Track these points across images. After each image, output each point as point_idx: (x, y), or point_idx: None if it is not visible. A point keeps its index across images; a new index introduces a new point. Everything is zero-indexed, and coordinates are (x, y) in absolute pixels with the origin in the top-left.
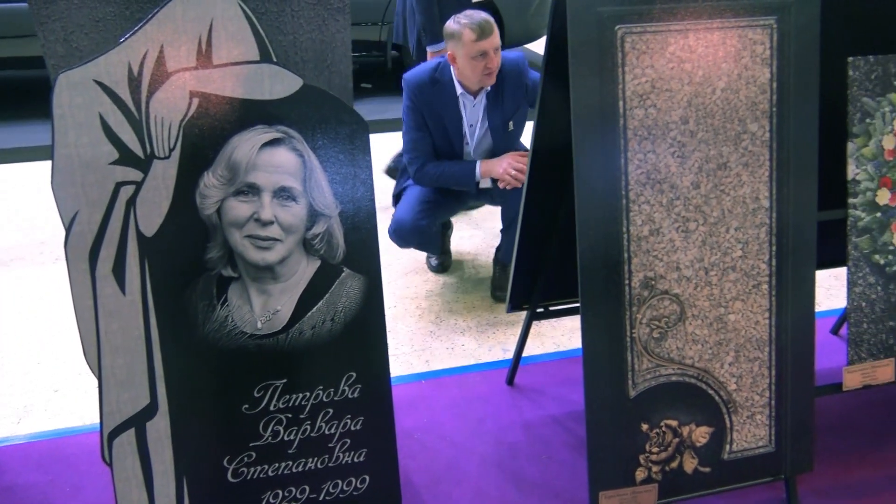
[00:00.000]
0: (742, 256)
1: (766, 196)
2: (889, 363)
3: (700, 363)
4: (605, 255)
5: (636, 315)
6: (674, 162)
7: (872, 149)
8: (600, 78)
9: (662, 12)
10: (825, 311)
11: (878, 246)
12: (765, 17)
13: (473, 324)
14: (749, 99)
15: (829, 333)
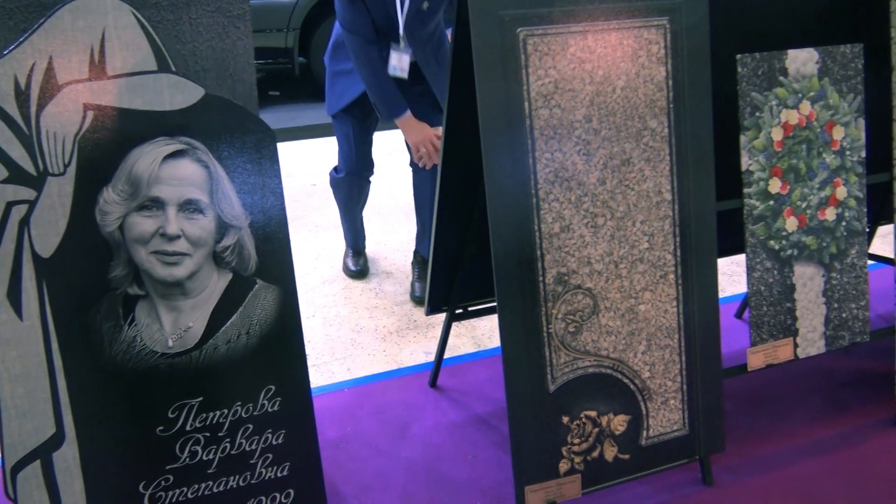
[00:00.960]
0: (649, 248)
1: (669, 189)
2: (788, 342)
3: (615, 354)
4: (518, 253)
5: (551, 311)
6: (580, 160)
7: (763, 141)
8: (505, 80)
9: (562, 14)
10: (729, 297)
11: (772, 232)
12: (658, 18)
13: (394, 329)
14: (647, 97)
15: (733, 318)
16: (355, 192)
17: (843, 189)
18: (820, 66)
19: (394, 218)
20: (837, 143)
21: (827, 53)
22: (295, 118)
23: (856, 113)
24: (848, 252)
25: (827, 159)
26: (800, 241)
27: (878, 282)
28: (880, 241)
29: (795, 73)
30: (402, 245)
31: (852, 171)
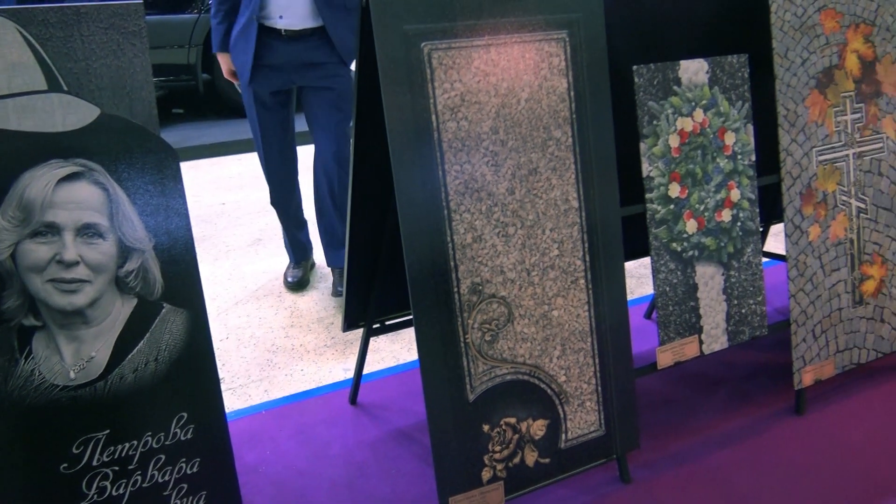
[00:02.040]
0: (559, 255)
1: (575, 197)
2: (693, 339)
3: (531, 360)
4: (432, 265)
5: (467, 320)
6: (489, 171)
7: (661, 147)
8: (411, 94)
9: (465, 29)
10: (638, 298)
11: (674, 235)
12: (557, 32)
13: (311, 347)
14: (551, 107)
15: (643, 318)
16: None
17: (737, 191)
18: (710, 76)
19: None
20: (729, 148)
21: (716, 63)
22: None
23: (745, 119)
24: (744, 251)
25: (721, 164)
26: (700, 242)
27: (772, 278)
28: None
29: (688, 82)
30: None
31: (744, 175)
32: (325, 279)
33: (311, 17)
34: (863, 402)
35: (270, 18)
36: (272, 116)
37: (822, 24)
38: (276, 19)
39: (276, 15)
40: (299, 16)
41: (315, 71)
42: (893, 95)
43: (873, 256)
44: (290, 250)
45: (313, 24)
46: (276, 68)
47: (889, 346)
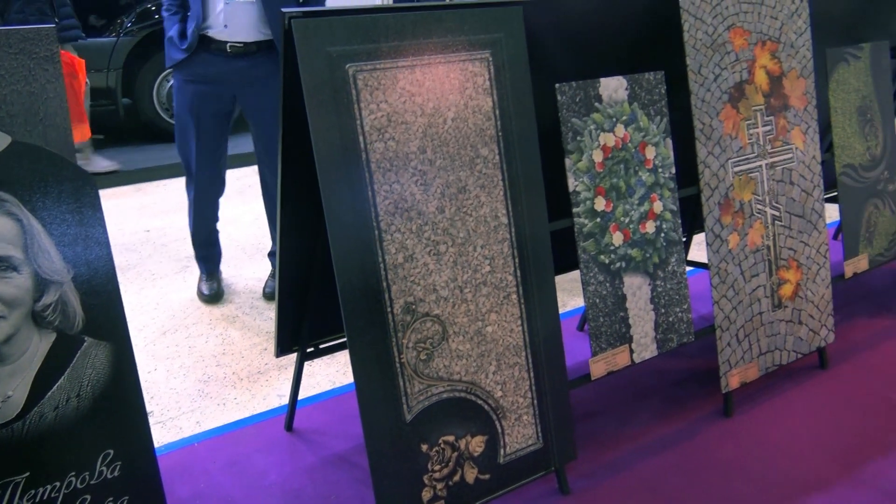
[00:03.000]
0: (491, 271)
1: (504, 213)
2: (624, 349)
3: (467, 377)
4: (364, 286)
5: (402, 340)
6: (418, 190)
7: (586, 163)
8: (337, 115)
9: (389, 50)
10: (570, 311)
11: (601, 247)
12: (480, 52)
13: (244, 374)
14: (477, 126)
15: (576, 330)
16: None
17: (660, 203)
18: (629, 93)
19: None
20: (650, 162)
21: (634, 81)
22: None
23: (664, 133)
24: (669, 261)
25: (643, 177)
26: (626, 253)
27: (697, 286)
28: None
29: (608, 99)
30: (246, 288)
31: (665, 187)
32: (251, 302)
33: (256, 28)
34: (786, 402)
35: (214, 28)
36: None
37: (732, 41)
38: (221, 28)
39: (220, 24)
40: (244, 26)
41: (260, 87)
42: (800, 108)
43: (789, 261)
44: (202, 263)
45: (259, 38)
46: (219, 83)
47: (807, 346)
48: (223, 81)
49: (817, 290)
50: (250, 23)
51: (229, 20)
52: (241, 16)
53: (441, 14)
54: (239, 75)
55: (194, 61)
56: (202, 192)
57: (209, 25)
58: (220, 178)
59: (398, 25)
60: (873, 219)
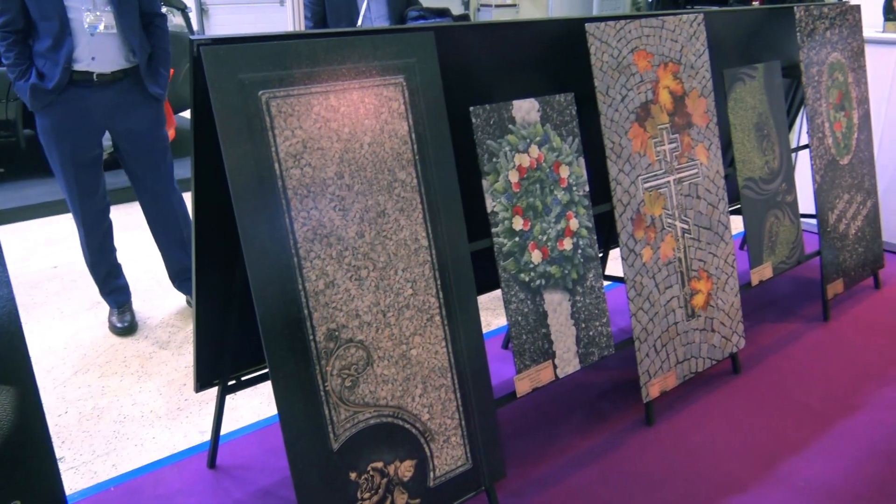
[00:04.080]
0: (413, 294)
1: (424, 236)
2: (548, 365)
3: (393, 401)
4: (285, 314)
5: (326, 368)
6: (336, 215)
7: (502, 183)
8: (251, 143)
9: (302, 76)
10: (495, 330)
11: (521, 266)
12: (394, 77)
13: (162, 412)
14: (394, 150)
15: (501, 349)
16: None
17: (576, 221)
18: (541, 114)
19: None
20: (565, 181)
21: (545, 102)
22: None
23: (576, 153)
24: (587, 276)
25: (558, 195)
26: (546, 271)
27: (615, 299)
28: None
29: (521, 120)
30: (162, 322)
31: (580, 205)
32: (168, 337)
33: (122, 57)
34: (704, 408)
35: (82, 61)
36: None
37: (636, 63)
38: (89, 61)
39: (87, 57)
40: (111, 57)
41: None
42: (702, 126)
43: (699, 272)
44: (110, 297)
45: (125, 66)
46: (88, 116)
47: (720, 353)
48: (92, 113)
49: (727, 299)
50: (116, 52)
51: (96, 52)
52: (107, 46)
53: (354, 40)
54: (107, 104)
55: (62, 98)
56: (91, 229)
57: (76, 59)
58: (106, 209)
59: (311, 52)
60: (774, 228)
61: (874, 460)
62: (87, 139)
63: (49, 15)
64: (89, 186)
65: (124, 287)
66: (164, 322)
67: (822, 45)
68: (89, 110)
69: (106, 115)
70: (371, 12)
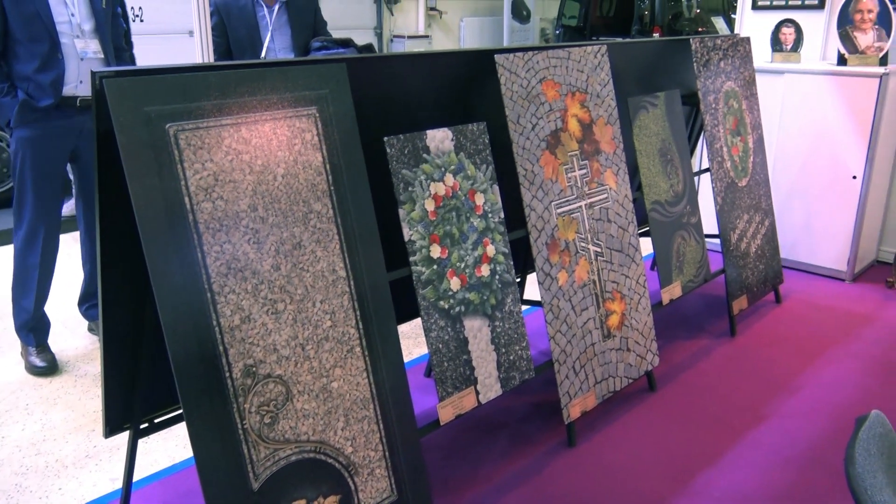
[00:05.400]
0: (332, 326)
1: (342, 267)
2: (470, 391)
3: (315, 436)
4: (199, 352)
5: (244, 405)
6: (251, 248)
7: (419, 212)
8: (160, 177)
9: (212, 108)
10: (417, 358)
11: (440, 293)
12: (307, 108)
13: (69, 461)
14: (309, 181)
15: (424, 377)
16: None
17: (492, 247)
18: (455, 143)
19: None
20: (480, 208)
21: (459, 132)
22: None
23: (490, 180)
24: (505, 301)
25: (474, 223)
26: (465, 297)
27: (534, 323)
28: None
29: (436, 149)
30: (67, 365)
31: (496, 231)
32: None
33: None
34: (623, 426)
35: (70, 83)
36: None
37: (545, 93)
38: (77, 84)
39: (76, 80)
40: None
41: None
42: (610, 152)
43: (613, 293)
44: (33, 334)
45: None
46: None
47: (636, 371)
48: (70, 134)
49: (640, 318)
50: None
51: (84, 76)
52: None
53: (264, 72)
54: (82, 127)
55: (46, 117)
56: (48, 255)
57: (65, 82)
58: (58, 230)
59: (221, 84)
60: (682, 249)
61: (783, 467)
62: (59, 158)
63: (39, 37)
64: (53, 210)
65: (47, 324)
66: (71, 366)
67: (717, 74)
68: (68, 131)
69: (80, 138)
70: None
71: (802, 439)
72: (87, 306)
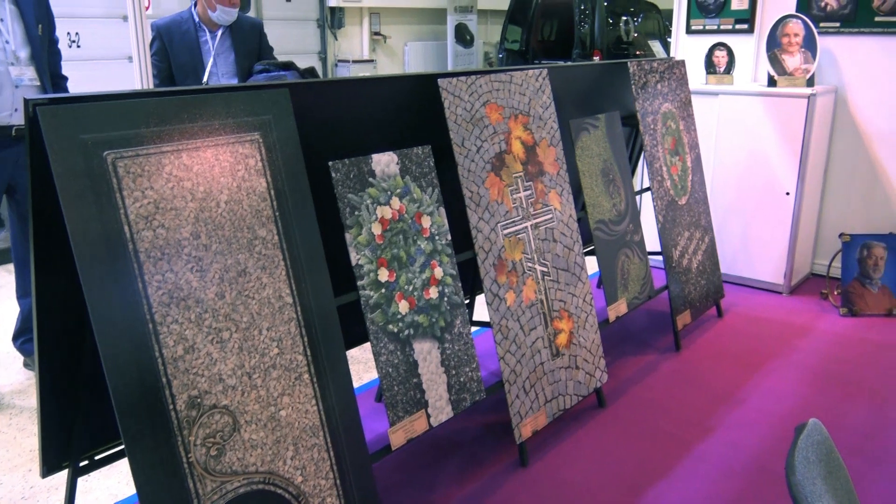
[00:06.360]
0: (279, 353)
1: (288, 293)
2: (421, 414)
3: (264, 467)
4: (141, 384)
5: (189, 438)
6: (194, 277)
7: (366, 236)
8: (97, 206)
9: (151, 135)
10: (367, 383)
11: (389, 317)
12: (250, 134)
13: (5, 503)
14: (253, 207)
15: (374, 403)
16: None
17: (440, 269)
18: (400, 166)
19: None
20: (427, 231)
21: (404, 155)
22: None
23: (437, 203)
24: (454, 323)
25: (422, 245)
26: (414, 320)
27: (483, 344)
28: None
29: (381, 173)
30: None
31: (443, 253)
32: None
33: None
34: (574, 443)
35: (3, 112)
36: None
37: (488, 116)
38: (11, 112)
39: (10, 108)
40: None
41: None
42: (553, 173)
43: (561, 312)
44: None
45: None
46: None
47: (586, 388)
48: (3, 165)
49: (588, 336)
50: None
51: (19, 104)
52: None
53: (205, 98)
54: (17, 157)
55: None
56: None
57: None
58: None
59: (160, 110)
60: (626, 266)
61: (730, 478)
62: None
63: None
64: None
65: None
66: (5, 400)
67: (655, 96)
68: (3, 162)
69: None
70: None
71: (747, 450)
72: (22, 340)
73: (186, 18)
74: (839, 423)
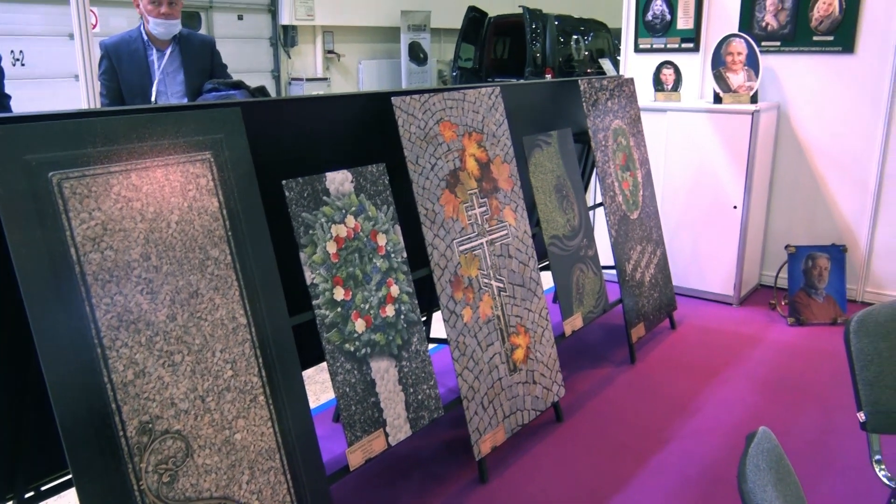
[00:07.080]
0: (233, 375)
1: (242, 314)
2: (379, 433)
3: (218, 492)
4: (88, 411)
5: (140, 465)
6: (144, 299)
7: (320, 255)
8: (42, 228)
9: (98, 155)
10: (325, 404)
11: (346, 336)
12: (201, 153)
13: None
14: (205, 227)
15: (333, 423)
16: None
17: (396, 287)
18: (355, 185)
19: None
20: (383, 249)
21: (358, 173)
22: None
23: (392, 221)
24: (411, 341)
25: (377, 263)
26: (370, 339)
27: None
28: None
29: (336, 192)
30: None
31: (399, 271)
32: None
33: None
34: (533, 458)
35: None
36: None
37: (442, 133)
38: None
39: None
40: None
41: None
42: (508, 189)
43: (517, 327)
44: None
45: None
46: None
47: (543, 403)
48: None
49: (545, 351)
50: None
51: None
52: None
53: (154, 117)
54: None
55: None
56: None
57: None
58: None
59: (108, 130)
60: (581, 281)
61: (686, 488)
62: None
63: None
64: None
65: None
66: None
67: (606, 113)
68: None
69: None
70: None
71: (702, 459)
72: None
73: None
74: (788, 429)
